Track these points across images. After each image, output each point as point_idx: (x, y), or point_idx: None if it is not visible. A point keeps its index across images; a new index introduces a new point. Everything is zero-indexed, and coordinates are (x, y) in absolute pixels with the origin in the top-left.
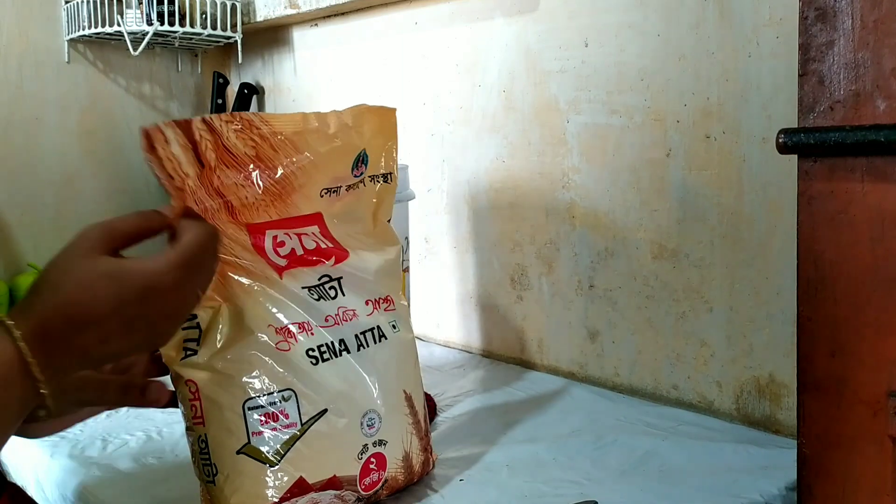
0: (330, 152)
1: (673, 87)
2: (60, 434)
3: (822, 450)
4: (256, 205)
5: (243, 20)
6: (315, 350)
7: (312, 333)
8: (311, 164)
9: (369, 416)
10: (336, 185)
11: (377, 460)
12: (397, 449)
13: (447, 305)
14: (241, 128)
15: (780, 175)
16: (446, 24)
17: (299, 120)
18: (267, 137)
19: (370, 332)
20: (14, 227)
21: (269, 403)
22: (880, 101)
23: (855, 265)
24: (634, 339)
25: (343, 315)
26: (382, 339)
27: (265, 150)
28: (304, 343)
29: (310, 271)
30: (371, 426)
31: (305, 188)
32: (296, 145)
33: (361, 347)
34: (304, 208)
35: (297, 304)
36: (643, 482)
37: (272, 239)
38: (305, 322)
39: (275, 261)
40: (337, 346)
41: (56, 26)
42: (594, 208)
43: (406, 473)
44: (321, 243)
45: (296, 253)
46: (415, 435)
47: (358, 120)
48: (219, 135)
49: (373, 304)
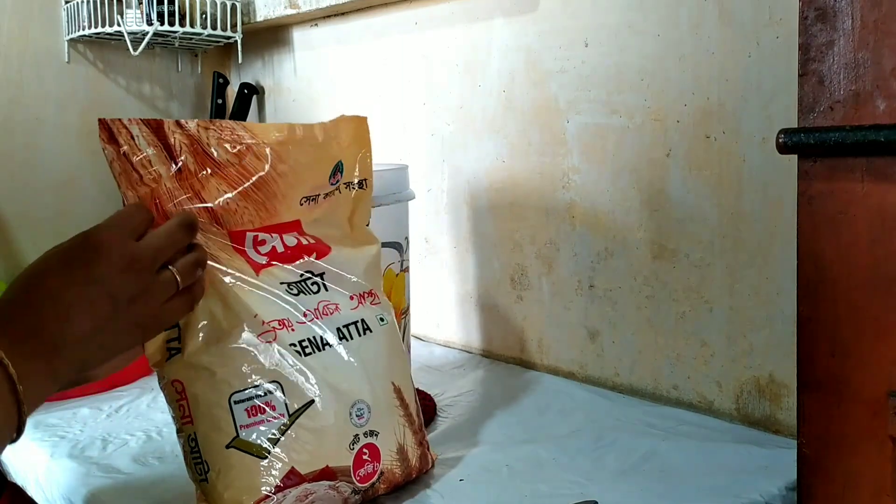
0: (312, 162)
1: (673, 87)
2: (60, 434)
3: (822, 450)
4: (239, 211)
5: (243, 20)
6: (297, 344)
7: (293, 329)
8: (293, 173)
9: (358, 405)
10: (314, 194)
11: (370, 451)
12: (390, 440)
13: (447, 305)
14: (221, 135)
15: (780, 175)
16: (446, 24)
17: (285, 130)
18: (251, 146)
19: (354, 325)
20: (14, 227)
21: (255, 396)
22: (880, 101)
23: (855, 265)
24: (634, 339)
25: (324, 309)
26: (367, 331)
27: (249, 158)
28: (285, 337)
29: (290, 268)
30: (361, 416)
31: (287, 197)
32: (279, 155)
33: (345, 339)
34: (285, 216)
35: (276, 299)
36: (643, 482)
37: (252, 238)
38: (285, 319)
39: (254, 258)
40: (319, 340)
41: (56, 26)
42: (594, 208)
43: (403, 467)
44: (302, 240)
45: (276, 250)
46: (407, 427)
47: (336, 130)
48: (196, 139)
49: (357, 298)
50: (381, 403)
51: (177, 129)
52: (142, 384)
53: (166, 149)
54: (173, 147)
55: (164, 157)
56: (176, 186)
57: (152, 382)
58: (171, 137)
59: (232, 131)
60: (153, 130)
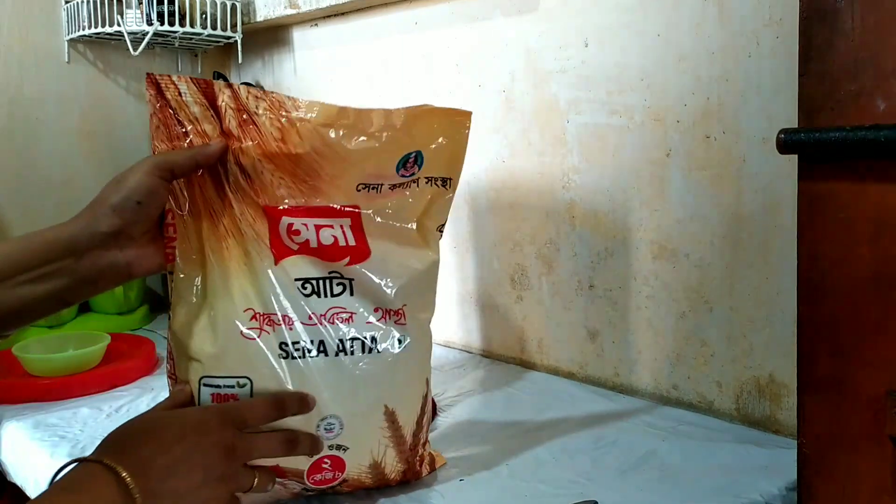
0: (365, 150)
1: (673, 87)
2: (60, 434)
3: (822, 450)
4: (275, 184)
5: (243, 20)
6: (289, 345)
7: (292, 328)
8: (337, 157)
9: (329, 420)
10: (376, 182)
11: (332, 461)
12: (363, 457)
13: (447, 305)
14: (269, 106)
15: (780, 175)
16: (446, 24)
17: (334, 113)
18: (294, 122)
19: (359, 341)
20: (14, 227)
21: (225, 385)
22: (880, 101)
23: (855, 265)
24: (634, 339)
25: (332, 317)
26: (374, 351)
27: (291, 134)
28: (280, 335)
29: (317, 264)
30: (330, 430)
31: (337, 179)
32: (323, 137)
33: (341, 353)
34: (336, 199)
35: (284, 295)
36: (643, 482)
37: (287, 226)
38: (287, 316)
39: (287, 244)
40: (313, 347)
41: (56, 26)
42: (594, 208)
43: (375, 479)
44: (341, 240)
45: (309, 244)
46: (392, 448)
47: (411, 121)
48: (244, 106)
49: (383, 312)
50: (359, 423)
51: (227, 92)
52: (142, 384)
53: (213, 108)
54: (220, 108)
55: (209, 115)
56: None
57: (152, 382)
58: (220, 99)
59: (281, 105)
60: (201, 90)
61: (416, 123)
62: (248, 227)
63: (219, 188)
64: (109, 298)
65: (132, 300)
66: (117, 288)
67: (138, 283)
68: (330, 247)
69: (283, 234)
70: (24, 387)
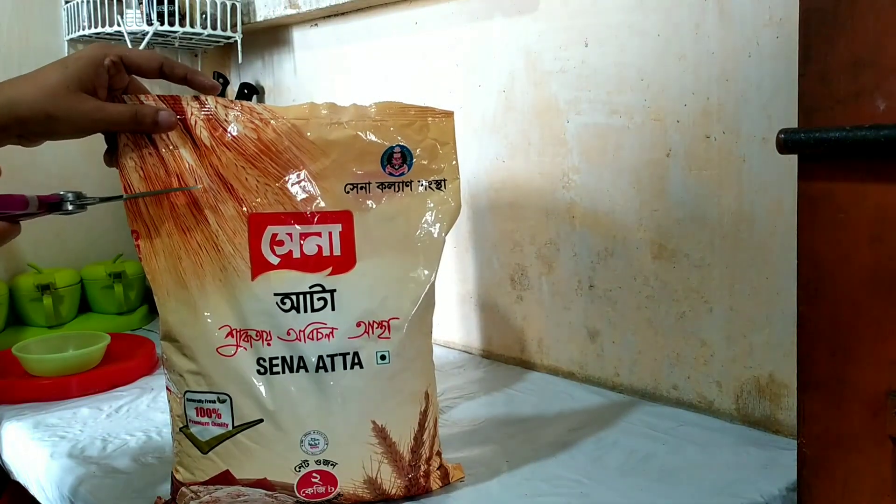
0: (345, 140)
1: (673, 87)
2: (60, 434)
3: (822, 450)
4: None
5: (243, 20)
6: (267, 361)
7: (270, 344)
8: (318, 150)
9: (312, 436)
10: (364, 182)
11: (322, 476)
12: (354, 472)
13: (447, 305)
14: (240, 111)
15: (780, 175)
16: (446, 24)
17: (306, 109)
18: (268, 121)
19: (342, 357)
20: None
21: (206, 401)
22: (880, 101)
23: (855, 265)
24: (634, 339)
25: (311, 333)
26: (356, 366)
27: (267, 132)
28: (257, 351)
29: (298, 277)
30: (314, 445)
31: (323, 180)
32: (299, 129)
33: (322, 370)
34: (328, 204)
35: (261, 311)
36: (643, 482)
37: (271, 236)
38: (266, 332)
39: (267, 258)
40: (293, 362)
41: (56, 26)
42: (594, 208)
43: (374, 493)
44: (325, 250)
45: (292, 255)
46: (387, 464)
47: (384, 113)
48: (214, 116)
49: (365, 326)
50: (344, 438)
51: (195, 104)
52: (142, 384)
53: (183, 123)
54: (190, 123)
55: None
56: (197, 164)
57: (152, 382)
58: (189, 112)
59: (251, 109)
60: (170, 105)
61: (390, 117)
62: (226, 242)
63: (192, 203)
64: (109, 298)
65: (132, 300)
66: (117, 288)
67: (138, 283)
68: (313, 257)
69: (266, 246)
70: (24, 387)
